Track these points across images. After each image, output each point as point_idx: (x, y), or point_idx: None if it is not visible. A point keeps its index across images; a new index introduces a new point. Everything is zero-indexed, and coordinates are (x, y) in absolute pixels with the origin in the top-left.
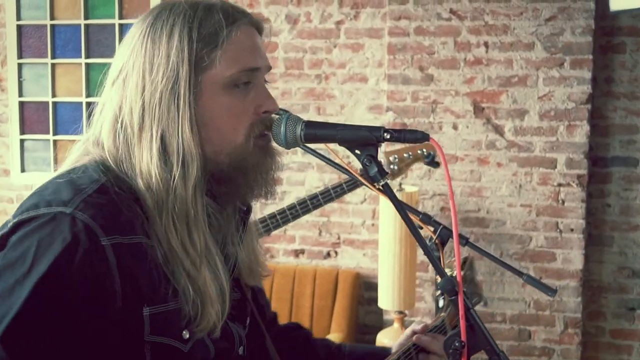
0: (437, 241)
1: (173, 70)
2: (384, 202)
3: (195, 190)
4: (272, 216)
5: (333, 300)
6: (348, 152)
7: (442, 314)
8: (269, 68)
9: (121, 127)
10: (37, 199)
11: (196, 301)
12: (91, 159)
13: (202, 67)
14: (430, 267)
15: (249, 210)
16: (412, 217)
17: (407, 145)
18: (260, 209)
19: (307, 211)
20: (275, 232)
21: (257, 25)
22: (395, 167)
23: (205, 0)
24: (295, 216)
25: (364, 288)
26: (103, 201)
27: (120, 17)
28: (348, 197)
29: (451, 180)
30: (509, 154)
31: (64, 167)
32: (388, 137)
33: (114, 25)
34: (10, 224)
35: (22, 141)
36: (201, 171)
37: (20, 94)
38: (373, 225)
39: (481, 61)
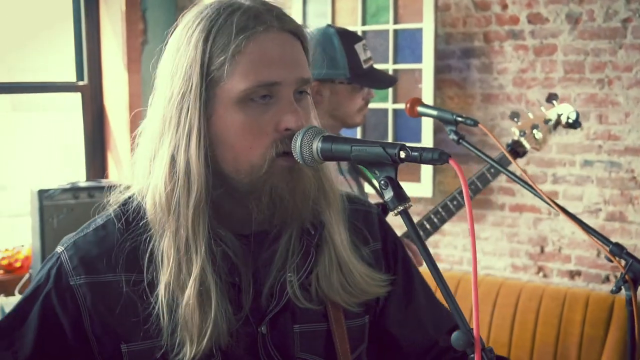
0: (627, 277)
1: (187, 82)
2: None
3: (198, 211)
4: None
5: (606, 330)
6: None
7: None
8: (303, 81)
9: (150, 146)
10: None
11: (174, 332)
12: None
13: (214, 81)
14: None
15: (315, 233)
16: (600, 246)
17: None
18: None
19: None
20: (549, 250)
21: (293, 31)
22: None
23: (237, 1)
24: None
25: None
26: (94, 239)
27: (395, 22)
28: (631, 215)
29: None
30: None
31: None
32: (403, 156)
33: (387, 31)
34: None
35: None
36: (205, 192)
37: None
38: None
39: None
